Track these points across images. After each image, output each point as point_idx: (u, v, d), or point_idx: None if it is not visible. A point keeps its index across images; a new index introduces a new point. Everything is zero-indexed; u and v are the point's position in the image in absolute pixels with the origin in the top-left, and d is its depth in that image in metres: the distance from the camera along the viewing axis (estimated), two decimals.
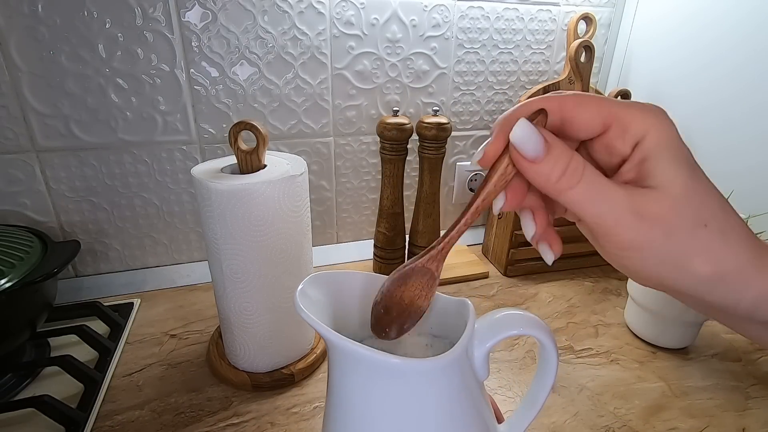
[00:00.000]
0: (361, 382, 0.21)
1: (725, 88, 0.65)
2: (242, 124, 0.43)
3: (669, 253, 0.19)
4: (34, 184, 0.59)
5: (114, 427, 0.44)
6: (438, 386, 0.20)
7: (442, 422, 0.21)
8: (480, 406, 0.22)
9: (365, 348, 0.19)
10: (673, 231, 0.18)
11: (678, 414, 0.47)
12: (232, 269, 0.44)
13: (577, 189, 0.19)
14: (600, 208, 0.19)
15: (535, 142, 0.18)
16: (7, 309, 0.44)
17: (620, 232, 0.19)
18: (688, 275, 0.19)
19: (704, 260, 0.19)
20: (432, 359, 0.19)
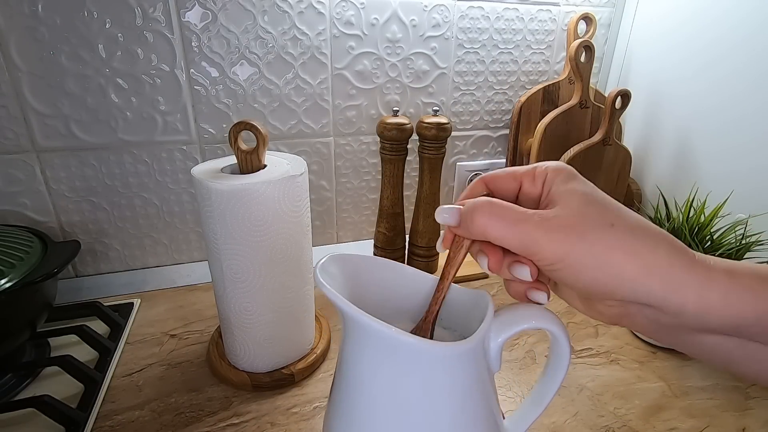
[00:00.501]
0: (378, 361, 0.20)
1: (725, 88, 0.65)
2: (242, 124, 0.43)
3: (590, 254, 0.20)
4: (34, 184, 0.59)
5: (114, 427, 0.44)
6: (456, 372, 0.20)
7: (455, 407, 0.21)
8: (490, 397, 0.22)
9: (395, 329, 0.19)
10: (584, 233, 0.21)
11: (678, 414, 0.47)
12: (232, 269, 0.44)
13: (491, 222, 0.22)
14: (514, 232, 0.21)
15: (450, 215, 0.23)
16: (7, 309, 0.44)
17: (542, 247, 0.21)
18: (618, 275, 0.20)
19: (624, 255, 0.20)
20: (455, 344, 0.20)
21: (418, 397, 0.20)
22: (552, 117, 0.71)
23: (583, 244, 0.20)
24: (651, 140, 0.78)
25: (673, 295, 0.20)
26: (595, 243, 0.20)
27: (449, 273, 0.24)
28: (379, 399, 0.21)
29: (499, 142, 0.83)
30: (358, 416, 0.21)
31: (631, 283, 0.20)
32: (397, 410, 0.20)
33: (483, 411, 0.22)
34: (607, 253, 0.20)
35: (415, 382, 0.20)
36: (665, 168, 0.76)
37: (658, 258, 0.20)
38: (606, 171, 0.73)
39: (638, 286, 0.20)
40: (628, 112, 0.71)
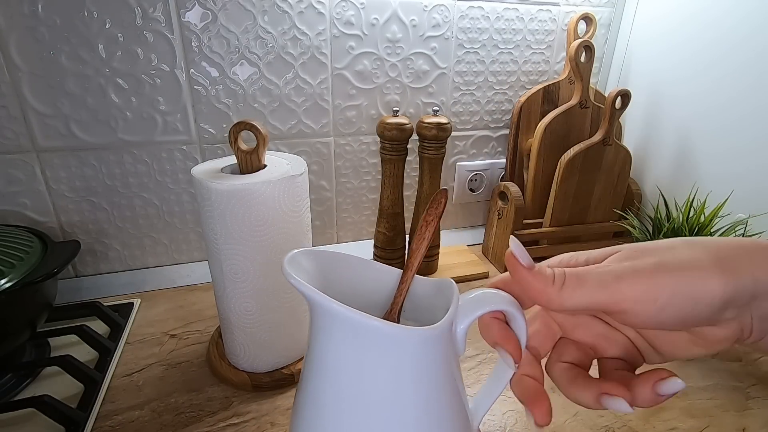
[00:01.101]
0: (345, 346, 0.21)
1: (725, 88, 0.65)
2: (242, 124, 0.43)
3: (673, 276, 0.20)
4: (34, 184, 0.59)
5: (114, 427, 0.44)
6: (424, 356, 0.21)
7: (422, 390, 0.21)
8: (456, 379, 0.23)
9: (364, 315, 0.19)
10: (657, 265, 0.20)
11: (678, 414, 0.47)
12: (232, 269, 0.44)
13: (566, 287, 0.21)
14: (587, 292, 0.20)
15: (527, 256, 0.21)
16: (7, 309, 0.44)
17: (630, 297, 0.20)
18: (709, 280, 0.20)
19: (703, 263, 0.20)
20: (423, 329, 0.20)
21: (386, 382, 0.20)
22: (552, 117, 0.71)
23: (664, 273, 0.20)
24: (651, 140, 0.78)
25: (759, 271, 0.20)
26: (679, 265, 0.20)
27: (412, 264, 0.24)
28: (347, 384, 0.21)
29: (499, 142, 0.83)
30: (325, 403, 0.22)
31: (727, 288, 0.20)
32: (365, 395, 0.21)
33: (450, 392, 0.22)
34: (695, 267, 0.20)
35: (383, 366, 0.20)
36: (665, 168, 0.76)
37: (732, 251, 0.20)
38: (606, 171, 0.73)
39: (734, 287, 0.20)
40: (628, 112, 0.71)
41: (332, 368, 0.21)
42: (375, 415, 0.21)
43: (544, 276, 0.21)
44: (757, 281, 0.20)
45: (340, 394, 0.21)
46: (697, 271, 0.20)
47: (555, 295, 0.21)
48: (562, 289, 0.21)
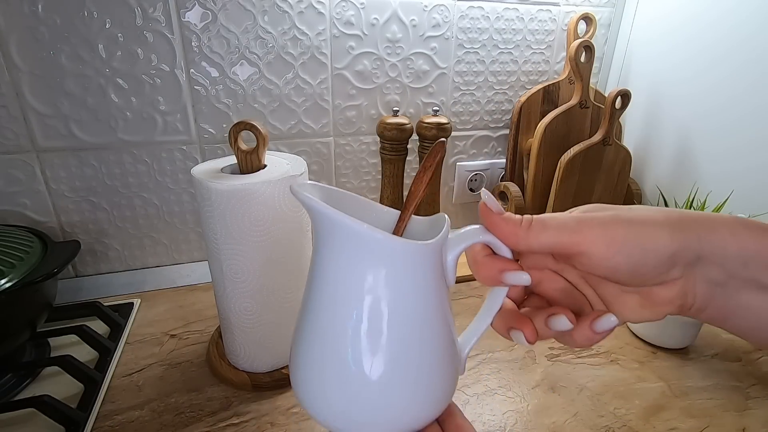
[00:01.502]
0: (347, 257, 0.22)
1: (725, 88, 0.65)
2: (242, 124, 0.43)
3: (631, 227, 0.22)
4: (34, 184, 0.59)
5: (114, 427, 0.44)
6: (417, 268, 0.22)
7: (415, 301, 0.23)
8: (446, 306, 0.25)
9: (365, 225, 0.21)
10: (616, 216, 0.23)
11: (678, 414, 0.47)
12: (232, 269, 0.44)
13: (532, 228, 0.23)
14: (556, 226, 0.23)
15: (498, 205, 0.24)
16: (7, 309, 0.44)
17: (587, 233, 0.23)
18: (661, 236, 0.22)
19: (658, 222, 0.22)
20: (417, 242, 0.22)
21: (381, 290, 0.22)
22: (552, 117, 0.71)
23: (620, 223, 0.23)
24: (651, 140, 0.78)
25: (712, 235, 0.22)
26: (635, 217, 0.23)
27: (410, 205, 0.26)
28: (345, 291, 0.22)
29: (499, 142, 0.83)
30: (326, 309, 0.23)
31: (674, 242, 0.22)
32: (363, 301, 0.22)
33: (439, 314, 0.24)
34: (649, 221, 0.22)
35: (379, 275, 0.22)
36: (665, 168, 0.76)
37: (683, 215, 0.23)
38: (606, 171, 0.73)
39: (680, 242, 0.22)
40: (628, 112, 0.71)
41: (332, 278, 0.23)
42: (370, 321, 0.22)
43: (514, 219, 0.24)
44: (702, 240, 0.22)
45: (339, 298, 0.23)
46: (649, 224, 0.22)
47: (523, 235, 0.23)
48: (529, 230, 0.23)
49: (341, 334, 0.23)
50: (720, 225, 0.22)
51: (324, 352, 0.23)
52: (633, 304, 0.25)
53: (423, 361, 0.23)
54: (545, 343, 0.57)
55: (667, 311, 0.24)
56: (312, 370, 0.24)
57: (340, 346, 0.23)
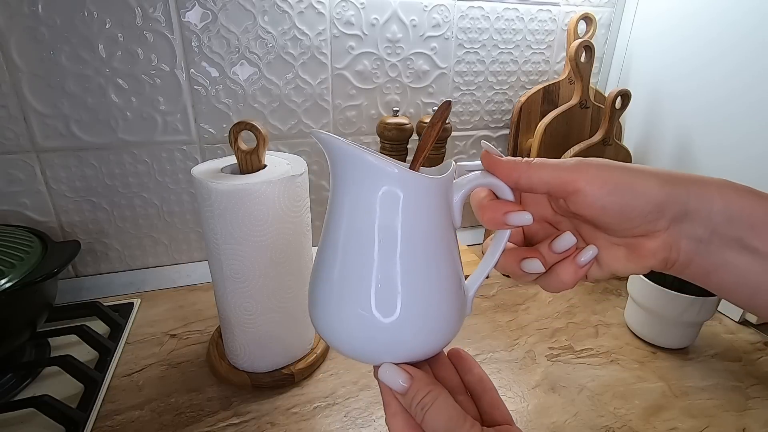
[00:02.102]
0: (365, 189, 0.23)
1: (725, 86, 0.65)
2: (242, 124, 0.43)
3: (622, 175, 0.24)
4: (34, 184, 0.59)
5: (114, 427, 0.44)
6: (428, 200, 0.24)
7: (426, 230, 0.24)
8: (454, 244, 0.26)
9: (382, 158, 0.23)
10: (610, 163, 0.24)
11: (678, 414, 0.47)
12: (232, 269, 0.44)
13: (532, 166, 0.25)
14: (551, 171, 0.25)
15: (496, 151, 0.26)
16: (7, 309, 0.44)
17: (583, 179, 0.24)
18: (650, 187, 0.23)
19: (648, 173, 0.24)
20: (431, 176, 0.24)
21: (395, 221, 0.23)
22: (552, 117, 0.71)
23: (615, 167, 0.24)
24: (651, 140, 0.78)
25: (701, 191, 0.23)
26: (628, 166, 0.24)
27: (419, 158, 0.27)
28: (361, 224, 0.24)
29: (499, 142, 0.83)
30: (342, 241, 0.24)
31: (663, 191, 0.23)
32: (377, 233, 0.23)
33: (447, 249, 0.25)
34: (641, 171, 0.24)
35: (394, 206, 0.23)
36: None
37: (675, 172, 0.24)
38: None
39: (668, 193, 0.23)
40: (628, 112, 0.71)
41: (349, 211, 0.24)
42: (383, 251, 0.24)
43: (515, 159, 0.26)
44: (690, 195, 0.23)
45: (354, 233, 0.24)
46: (643, 173, 0.24)
47: (524, 170, 0.25)
48: (530, 167, 0.25)
49: (357, 264, 0.24)
50: (709, 184, 0.23)
51: (341, 282, 0.25)
52: (620, 255, 0.26)
53: (432, 292, 0.25)
54: (545, 342, 0.57)
55: (651, 264, 0.25)
56: (329, 301, 0.25)
57: (355, 276, 0.24)
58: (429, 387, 0.23)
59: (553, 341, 0.58)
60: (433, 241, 0.24)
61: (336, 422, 0.45)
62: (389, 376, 0.24)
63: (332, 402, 0.47)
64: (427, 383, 0.24)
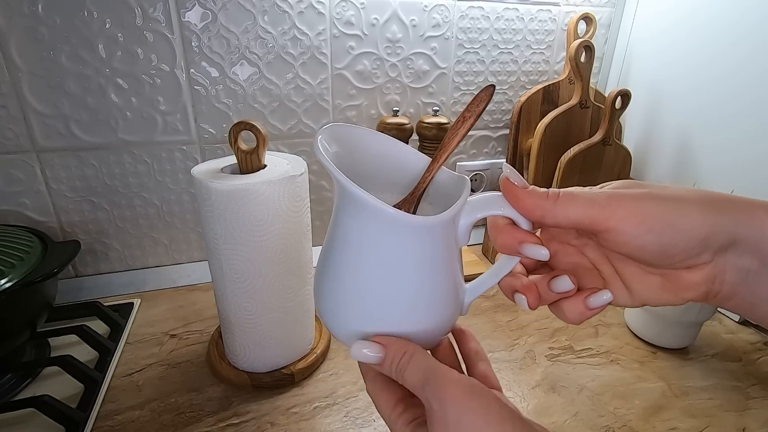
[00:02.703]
0: (364, 225, 0.23)
1: (724, 85, 0.65)
2: (242, 124, 0.43)
3: (663, 207, 0.21)
4: (34, 184, 0.59)
5: (114, 427, 0.44)
6: (427, 239, 0.24)
7: (425, 268, 0.24)
8: (454, 264, 0.26)
9: (381, 203, 0.22)
10: (649, 194, 0.22)
11: (678, 414, 0.47)
12: (232, 269, 0.44)
13: (560, 201, 0.22)
14: (582, 201, 0.22)
15: (521, 178, 0.24)
16: (7, 309, 0.44)
17: (612, 209, 0.22)
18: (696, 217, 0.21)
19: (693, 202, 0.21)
20: (426, 218, 0.23)
21: (396, 256, 0.23)
22: (552, 117, 0.71)
23: (652, 200, 0.21)
24: (651, 140, 0.78)
25: (749, 217, 0.21)
26: (668, 196, 0.21)
27: (441, 157, 0.26)
28: (362, 254, 0.24)
29: (499, 142, 0.83)
30: (345, 267, 0.25)
31: (707, 224, 0.21)
32: (378, 265, 0.24)
33: (447, 272, 0.25)
34: (682, 200, 0.21)
35: (394, 244, 0.23)
36: (665, 168, 0.76)
37: (718, 196, 0.21)
38: (606, 171, 0.73)
39: (713, 224, 0.21)
40: (628, 112, 0.71)
41: (350, 239, 0.24)
42: (382, 280, 0.24)
43: (539, 192, 0.23)
44: (738, 224, 0.21)
45: (357, 258, 0.24)
46: (682, 203, 0.21)
47: (550, 208, 0.22)
48: (556, 203, 0.22)
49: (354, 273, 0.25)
50: (757, 208, 0.21)
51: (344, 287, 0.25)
52: (654, 285, 0.24)
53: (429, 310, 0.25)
54: (545, 342, 0.57)
55: (690, 297, 0.23)
56: (334, 300, 0.26)
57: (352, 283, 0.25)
58: (403, 349, 0.23)
59: (553, 341, 0.58)
60: (432, 266, 0.24)
61: (336, 422, 0.45)
62: (363, 353, 0.24)
63: (332, 402, 0.47)
64: (400, 346, 0.23)
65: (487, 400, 0.21)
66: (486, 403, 0.21)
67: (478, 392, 0.21)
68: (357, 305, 0.25)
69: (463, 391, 0.21)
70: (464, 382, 0.22)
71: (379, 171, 0.28)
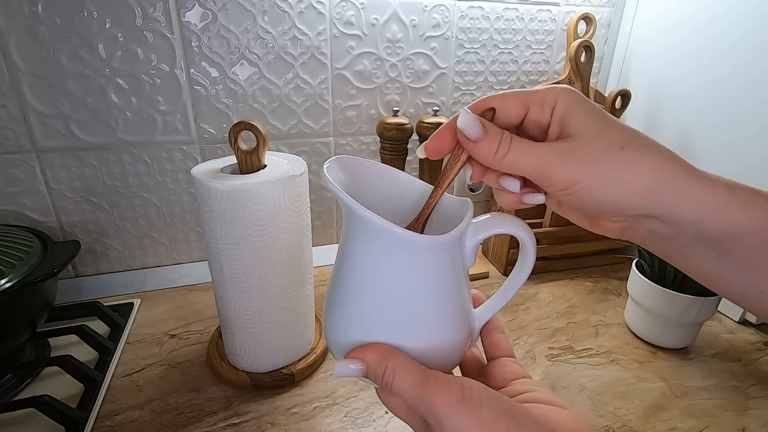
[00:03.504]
0: (373, 247, 0.24)
1: (725, 87, 0.65)
2: (242, 124, 0.43)
3: (603, 178, 0.22)
4: (34, 184, 0.59)
5: (114, 427, 0.44)
6: (433, 259, 0.24)
7: (433, 288, 0.24)
8: (462, 285, 0.26)
9: (387, 222, 0.22)
10: (597, 159, 0.22)
11: (678, 414, 0.47)
12: (232, 269, 0.44)
13: (510, 154, 0.23)
14: (531, 162, 0.23)
15: (475, 126, 0.23)
16: (7, 309, 0.44)
17: (555, 173, 0.23)
18: (630, 192, 0.22)
19: (635, 174, 0.22)
20: (433, 237, 0.24)
21: (404, 277, 0.24)
22: None
23: (596, 168, 0.22)
24: None
25: (677, 205, 0.22)
26: (608, 167, 0.22)
27: (444, 183, 0.26)
28: (368, 272, 0.24)
29: None
30: (351, 284, 0.25)
31: (640, 199, 0.22)
32: (386, 286, 0.24)
33: (455, 293, 0.25)
34: (620, 175, 0.22)
35: (402, 265, 0.23)
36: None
37: (665, 174, 0.22)
38: None
39: (647, 201, 0.22)
40: (628, 112, 0.71)
41: (357, 260, 0.25)
42: (388, 300, 0.24)
43: (491, 144, 0.23)
44: (658, 206, 0.22)
45: (365, 281, 0.25)
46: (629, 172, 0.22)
47: (497, 161, 0.24)
48: (505, 157, 0.23)
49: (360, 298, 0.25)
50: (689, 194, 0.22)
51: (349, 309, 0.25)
52: (579, 215, 0.27)
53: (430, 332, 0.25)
54: (545, 342, 0.57)
55: (606, 234, 0.26)
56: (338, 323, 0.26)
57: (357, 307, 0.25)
58: (383, 364, 0.23)
59: (553, 341, 0.58)
60: (437, 290, 0.25)
61: (336, 422, 0.45)
62: (344, 370, 0.23)
63: (332, 402, 0.47)
64: (379, 361, 0.23)
65: (479, 402, 0.21)
66: (478, 406, 0.21)
67: (468, 397, 0.21)
68: (362, 325, 0.25)
69: (455, 400, 0.21)
70: (453, 387, 0.22)
71: (381, 200, 0.29)
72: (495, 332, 0.29)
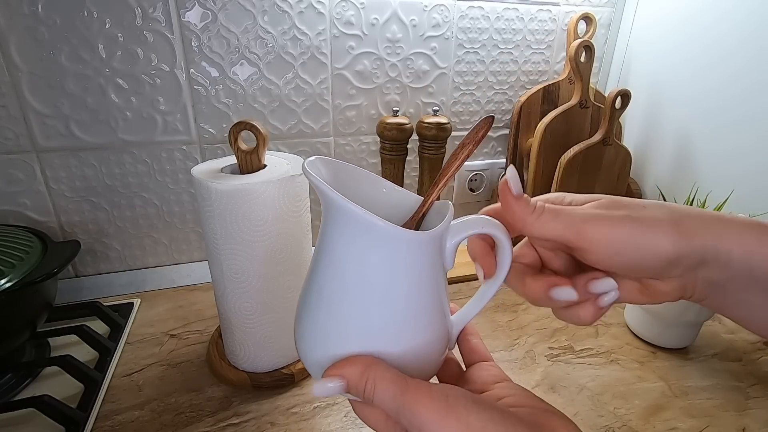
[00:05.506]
0: (353, 240, 0.23)
1: (725, 89, 0.65)
2: (242, 124, 0.43)
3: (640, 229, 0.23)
4: (34, 184, 0.59)
5: (114, 427, 0.44)
6: (415, 255, 0.24)
7: (412, 283, 0.24)
8: (441, 287, 0.26)
9: (368, 213, 0.22)
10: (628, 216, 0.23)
11: (678, 414, 0.47)
12: (232, 269, 0.44)
13: (545, 214, 0.24)
14: (567, 220, 0.24)
15: (519, 186, 0.25)
16: (7, 309, 0.44)
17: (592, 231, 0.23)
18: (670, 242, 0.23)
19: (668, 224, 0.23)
20: (416, 232, 0.23)
21: (389, 274, 0.23)
22: (552, 117, 0.71)
23: (625, 224, 0.23)
24: (651, 140, 0.78)
25: (719, 242, 0.22)
26: (641, 219, 0.23)
27: (441, 181, 0.27)
28: (349, 271, 0.24)
29: (499, 142, 0.83)
30: (330, 285, 0.24)
31: (675, 248, 0.23)
32: (370, 285, 0.23)
33: (436, 293, 0.25)
34: (654, 225, 0.23)
35: (387, 261, 0.23)
36: (665, 168, 0.76)
37: (692, 218, 0.23)
38: (606, 171, 0.73)
39: (682, 248, 0.23)
40: (628, 112, 0.71)
41: (338, 259, 0.24)
42: (370, 300, 0.23)
43: (527, 205, 0.25)
44: (707, 248, 0.23)
45: (343, 276, 0.24)
46: (651, 226, 0.23)
47: (530, 222, 0.24)
48: (539, 219, 0.24)
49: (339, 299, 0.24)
50: (728, 227, 0.23)
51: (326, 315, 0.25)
52: (633, 289, 0.26)
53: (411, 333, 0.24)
54: (545, 342, 0.57)
55: (666, 300, 0.25)
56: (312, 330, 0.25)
57: (337, 309, 0.24)
58: (363, 377, 0.22)
59: (553, 341, 0.58)
60: (419, 285, 0.24)
61: (336, 422, 0.45)
62: (324, 390, 0.22)
63: (332, 402, 0.47)
64: (359, 375, 0.22)
65: (466, 410, 0.20)
66: (465, 414, 0.20)
67: (454, 404, 0.20)
68: (341, 329, 0.24)
69: (439, 408, 0.20)
70: (436, 394, 0.21)
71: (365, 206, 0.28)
72: (472, 338, 0.29)
